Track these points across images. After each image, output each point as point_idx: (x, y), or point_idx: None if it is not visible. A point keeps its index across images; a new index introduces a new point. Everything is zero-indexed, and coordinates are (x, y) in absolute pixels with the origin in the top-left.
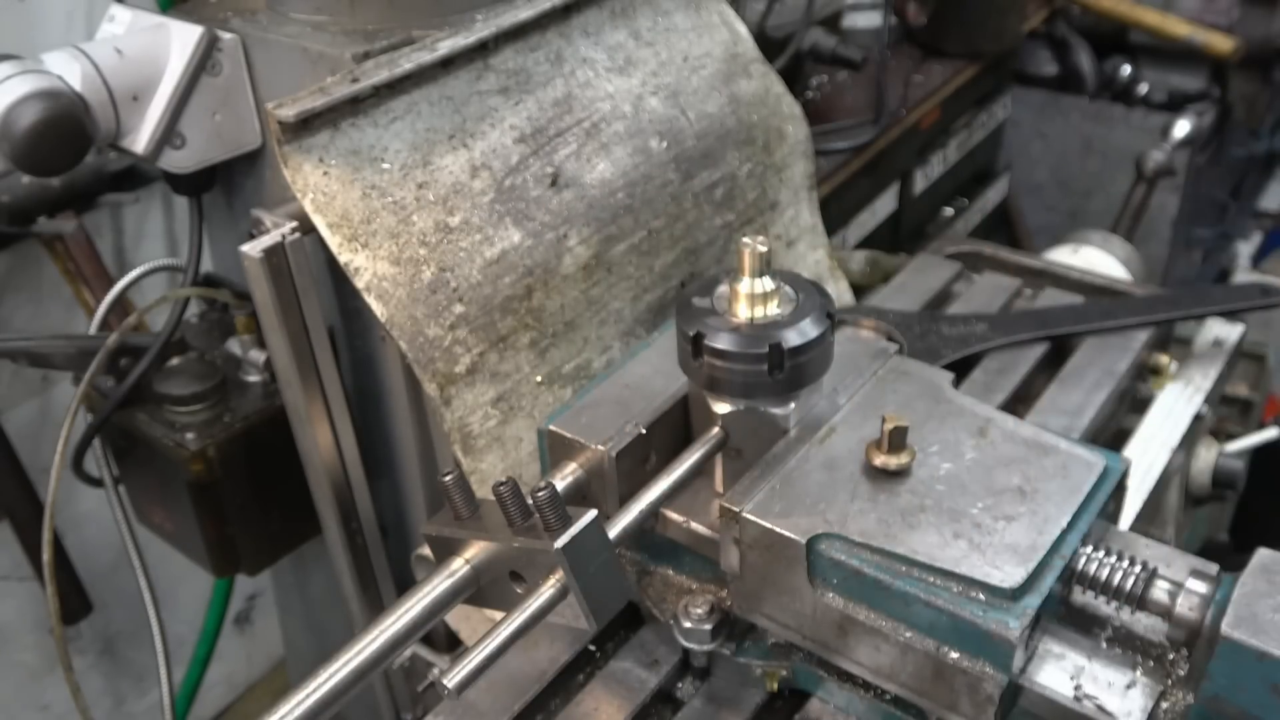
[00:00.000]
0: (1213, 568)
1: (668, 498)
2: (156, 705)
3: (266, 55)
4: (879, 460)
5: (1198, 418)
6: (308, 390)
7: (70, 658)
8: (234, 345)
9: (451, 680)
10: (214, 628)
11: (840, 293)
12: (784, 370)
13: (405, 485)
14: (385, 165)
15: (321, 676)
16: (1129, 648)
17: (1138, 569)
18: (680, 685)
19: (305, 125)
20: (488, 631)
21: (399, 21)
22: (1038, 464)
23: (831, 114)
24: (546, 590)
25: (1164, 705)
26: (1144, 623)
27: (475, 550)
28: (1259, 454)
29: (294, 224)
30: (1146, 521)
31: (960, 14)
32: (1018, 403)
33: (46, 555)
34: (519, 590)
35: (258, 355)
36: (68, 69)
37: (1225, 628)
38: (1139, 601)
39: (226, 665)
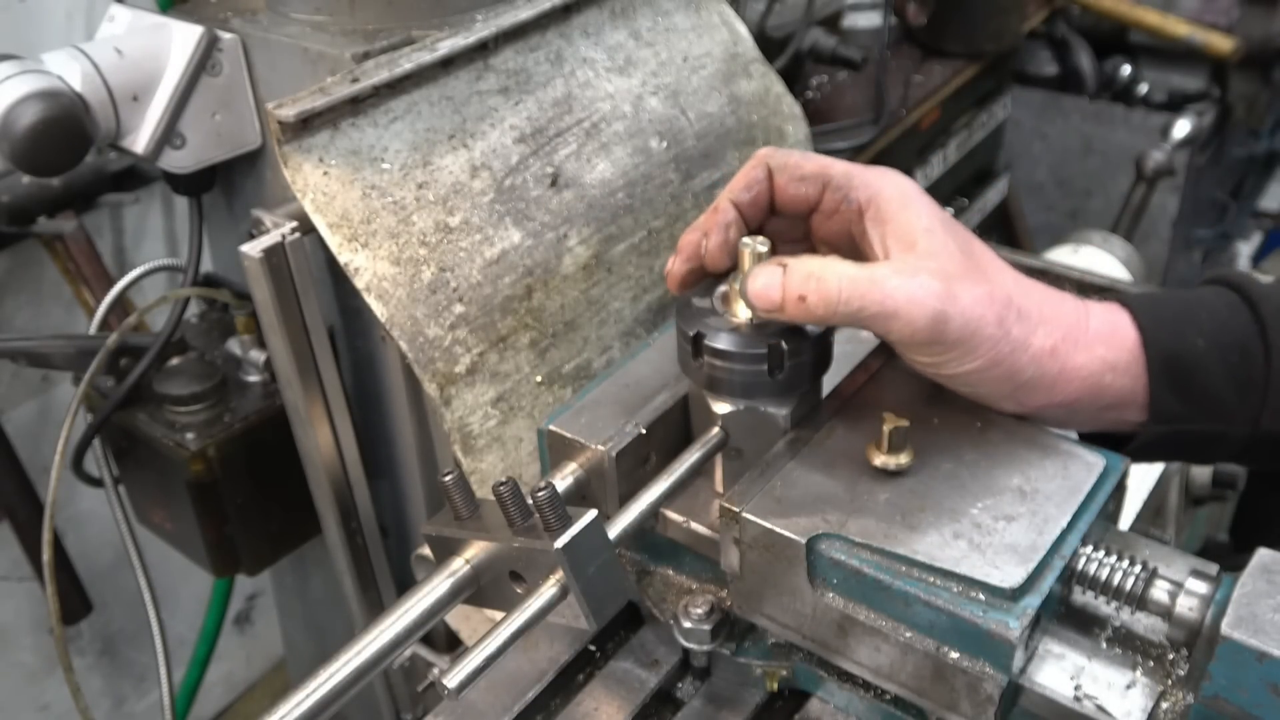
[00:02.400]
0: (1213, 568)
1: (668, 498)
2: (156, 705)
3: (266, 55)
4: (879, 460)
5: None
6: (308, 390)
7: (70, 658)
8: (234, 345)
9: (451, 680)
10: (214, 628)
11: None
12: (784, 370)
13: (405, 485)
14: (385, 165)
15: (321, 676)
16: (1129, 648)
17: (1138, 569)
18: (680, 685)
19: (305, 125)
20: (488, 631)
21: (399, 21)
22: (1038, 464)
23: (831, 114)
24: (546, 590)
25: (1164, 705)
26: (1144, 623)
27: (475, 550)
28: None
29: (294, 224)
30: (1146, 521)
31: (960, 14)
32: None
33: (46, 555)
34: (519, 590)
35: (258, 355)
36: (68, 69)
37: (1225, 628)
38: (1139, 601)
39: (226, 665)
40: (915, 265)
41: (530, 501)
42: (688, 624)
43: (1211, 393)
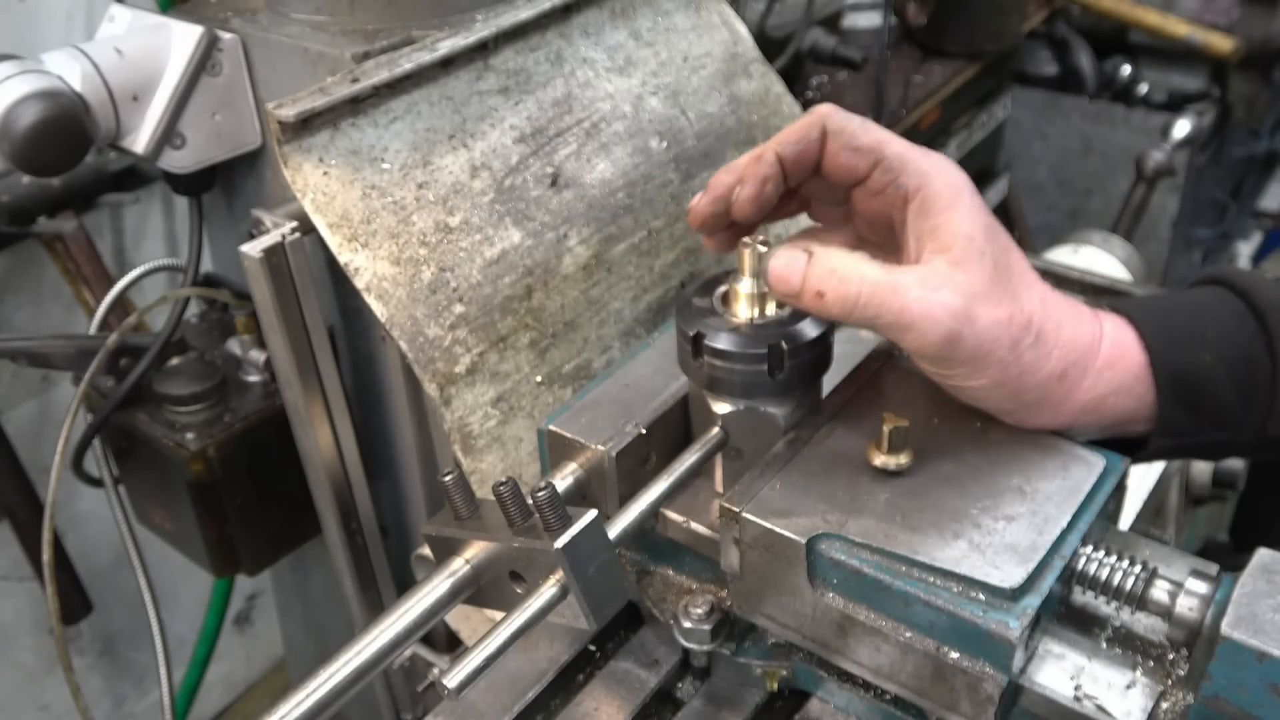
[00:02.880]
0: (1213, 568)
1: (668, 498)
2: (156, 705)
3: (266, 55)
4: (879, 460)
5: None
6: (308, 390)
7: (70, 658)
8: (234, 345)
9: (451, 680)
10: (214, 628)
11: None
12: (784, 370)
13: (405, 485)
14: (385, 165)
15: (321, 676)
16: (1129, 648)
17: (1138, 569)
18: (680, 685)
19: (305, 125)
20: (488, 631)
21: (399, 21)
22: (1038, 464)
23: None
24: (546, 590)
25: (1164, 705)
26: (1144, 623)
27: (475, 550)
28: None
29: (294, 224)
30: (1146, 521)
31: (960, 14)
32: None
33: (46, 555)
34: (519, 590)
35: (258, 355)
36: (68, 69)
37: (1225, 628)
38: (1139, 601)
39: (226, 665)
40: (941, 276)
41: (530, 501)
42: (688, 624)
43: (1219, 407)
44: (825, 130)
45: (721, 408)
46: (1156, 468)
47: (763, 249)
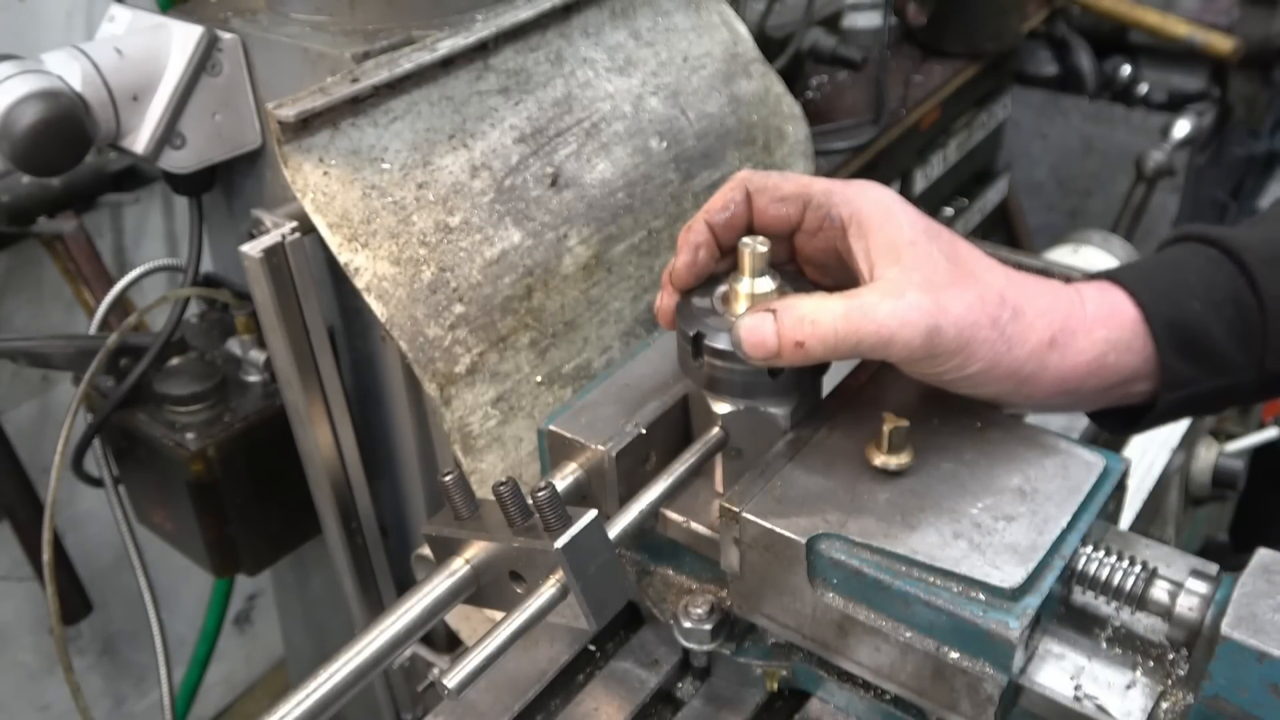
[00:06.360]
0: (1213, 568)
1: (668, 498)
2: (156, 705)
3: (266, 55)
4: (879, 460)
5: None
6: (308, 390)
7: (70, 658)
8: (234, 345)
9: (451, 680)
10: (214, 628)
11: None
12: (784, 370)
13: (405, 485)
14: (385, 165)
15: (321, 676)
16: (1129, 648)
17: (1138, 569)
18: (680, 685)
19: (305, 125)
20: (488, 631)
21: (399, 21)
22: (1038, 464)
23: (831, 114)
24: (546, 590)
25: (1164, 705)
26: (1144, 623)
27: (475, 550)
28: (1259, 454)
29: (294, 224)
30: (1146, 521)
31: (960, 14)
32: None
33: (46, 555)
34: (519, 590)
35: (258, 355)
36: (68, 69)
37: (1225, 628)
38: (1139, 601)
39: (226, 665)
40: (902, 282)
41: (530, 501)
42: (688, 624)
43: (1217, 352)
44: (748, 191)
45: (721, 408)
46: (1156, 468)
47: (762, 249)
